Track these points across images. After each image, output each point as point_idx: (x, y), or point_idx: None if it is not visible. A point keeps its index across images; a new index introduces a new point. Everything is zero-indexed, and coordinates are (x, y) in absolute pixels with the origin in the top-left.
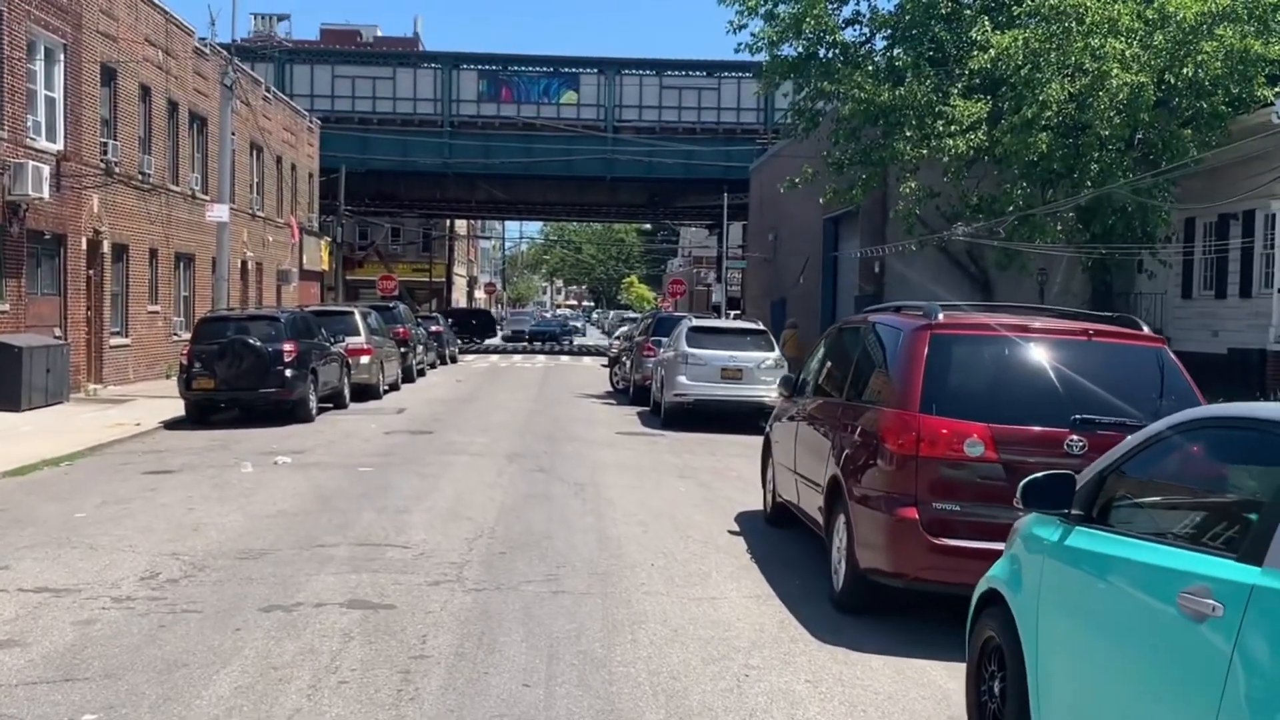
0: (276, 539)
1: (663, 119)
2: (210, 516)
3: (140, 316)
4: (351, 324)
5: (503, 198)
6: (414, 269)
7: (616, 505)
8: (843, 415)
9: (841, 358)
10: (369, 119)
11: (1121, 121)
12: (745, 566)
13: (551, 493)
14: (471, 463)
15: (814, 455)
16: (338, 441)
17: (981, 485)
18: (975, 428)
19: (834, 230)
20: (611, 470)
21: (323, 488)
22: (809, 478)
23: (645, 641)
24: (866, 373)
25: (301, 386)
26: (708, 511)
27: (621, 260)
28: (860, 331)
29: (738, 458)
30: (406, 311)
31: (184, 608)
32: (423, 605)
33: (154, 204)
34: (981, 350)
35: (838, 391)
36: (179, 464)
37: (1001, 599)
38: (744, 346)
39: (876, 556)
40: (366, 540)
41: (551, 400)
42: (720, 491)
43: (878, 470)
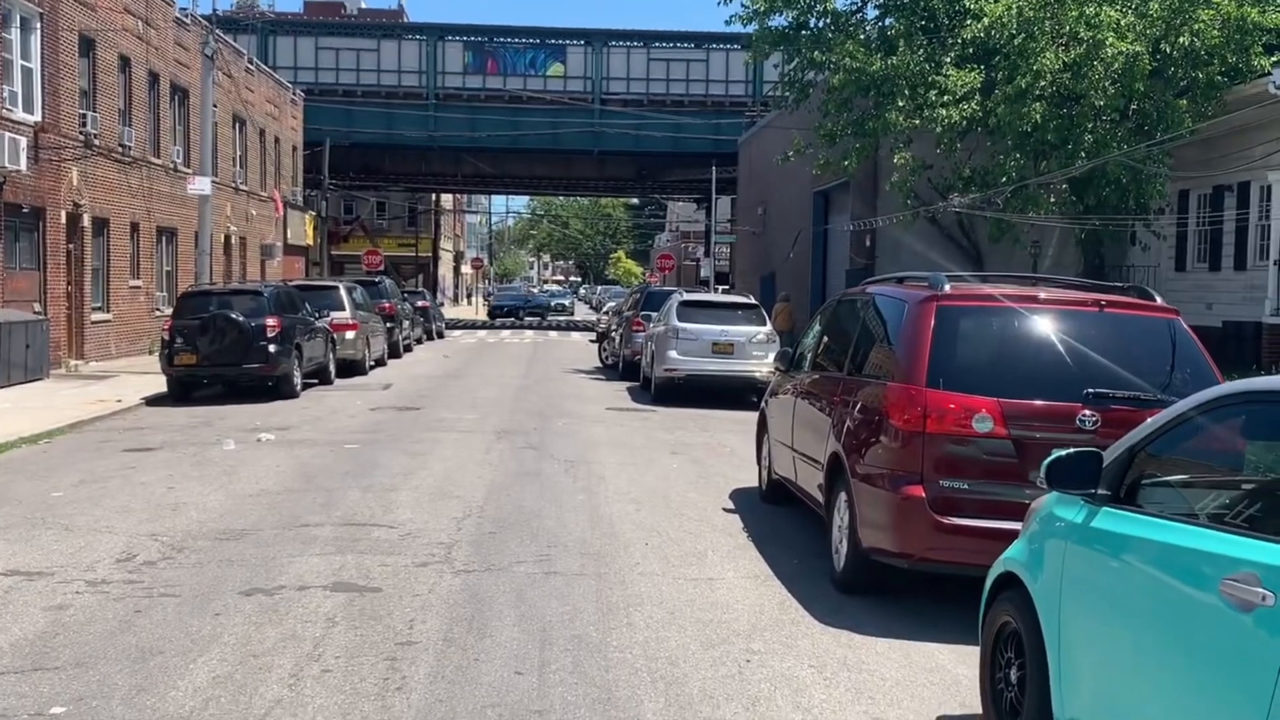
0: (259, 519)
1: (650, 91)
2: (190, 496)
3: (122, 291)
4: (336, 299)
5: (489, 171)
6: (400, 244)
7: (608, 483)
8: (843, 391)
9: (841, 331)
10: (353, 91)
11: (1116, 91)
12: (742, 545)
13: (542, 470)
14: (460, 440)
15: (813, 432)
16: (323, 418)
17: (990, 462)
18: (984, 403)
19: (824, 204)
20: (603, 447)
21: (307, 466)
22: (807, 455)
23: (641, 625)
24: (868, 347)
25: (285, 362)
26: (701, 489)
27: (609, 235)
28: (860, 304)
29: (730, 433)
30: (392, 286)
31: (161, 591)
32: (410, 588)
33: (135, 177)
34: (990, 322)
35: (837, 366)
36: (160, 441)
37: (1019, 583)
38: (735, 321)
39: (880, 536)
40: (352, 520)
41: (541, 376)
42: (713, 468)
43: (882, 447)
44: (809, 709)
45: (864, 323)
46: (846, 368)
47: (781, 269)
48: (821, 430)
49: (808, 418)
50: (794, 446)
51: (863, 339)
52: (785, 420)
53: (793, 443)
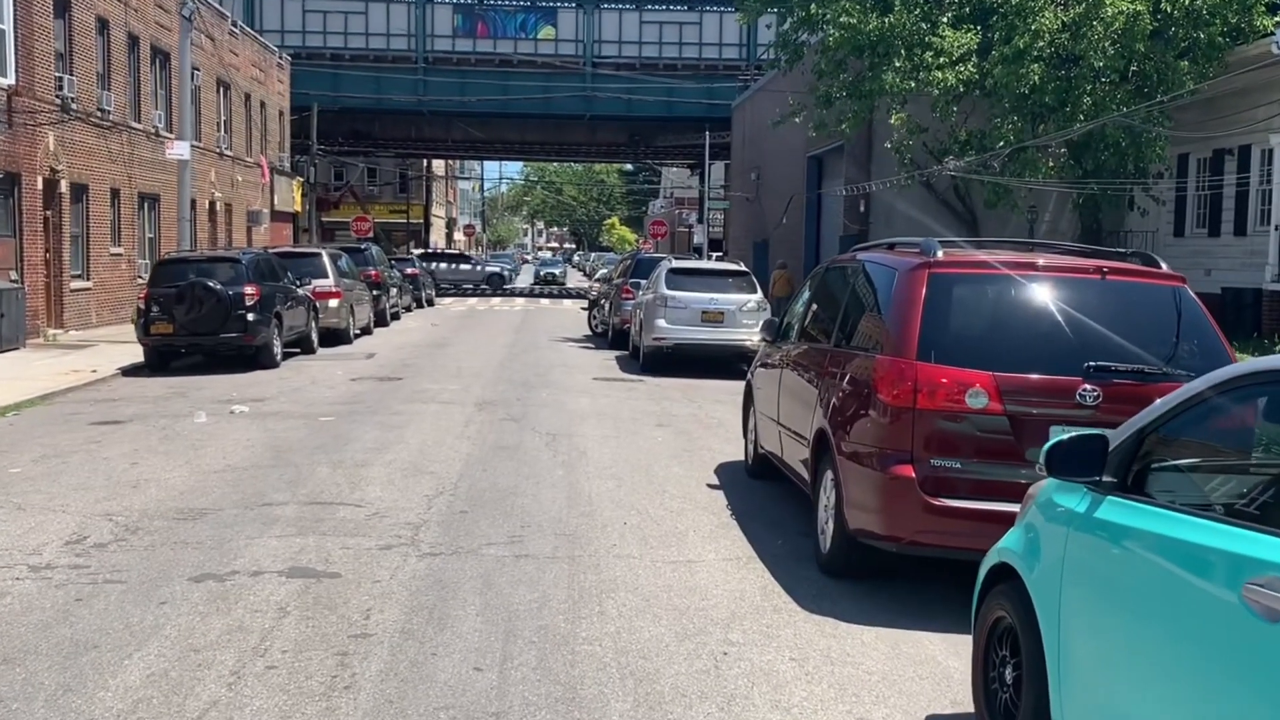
0: (220, 497)
1: (643, 55)
2: (153, 472)
3: (102, 259)
4: (319, 266)
5: (479, 137)
6: (391, 210)
7: (590, 457)
8: (830, 363)
9: (829, 300)
10: (341, 55)
11: (1116, 52)
12: (725, 525)
13: (522, 444)
14: (440, 412)
15: (799, 405)
16: (301, 389)
17: (985, 440)
18: (978, 376)
19: (818, 168)
20: (587, 419)
21: (278, 440)
22: (793, 429)
23: (614, 614)
24: (857, 316)
25: (264, 331)
26: (686, 463)
27: (602, 202)
28: (849, 271)
29: (718, 404)
30: (379, 253)
31: (107, 578)
32: (370, 573)
33: (115, 142)
34: (985, 291)
35: (825, 337)
36: (130, 414)
37: (1015, 575)
38: (725, 289)
39: (868, 518)
40: (317, 498)
41: (528, 345)
42: (700, 441)
43: (870, 423)
44: (788, 708)
45: (853, 291)
46: (835, 339)
47: (775, 235)
48: (808, 404)
49: (794, 390)
50: (780, 420)
51: (852, 308)
52: (771, 393)
53: (779, 416)
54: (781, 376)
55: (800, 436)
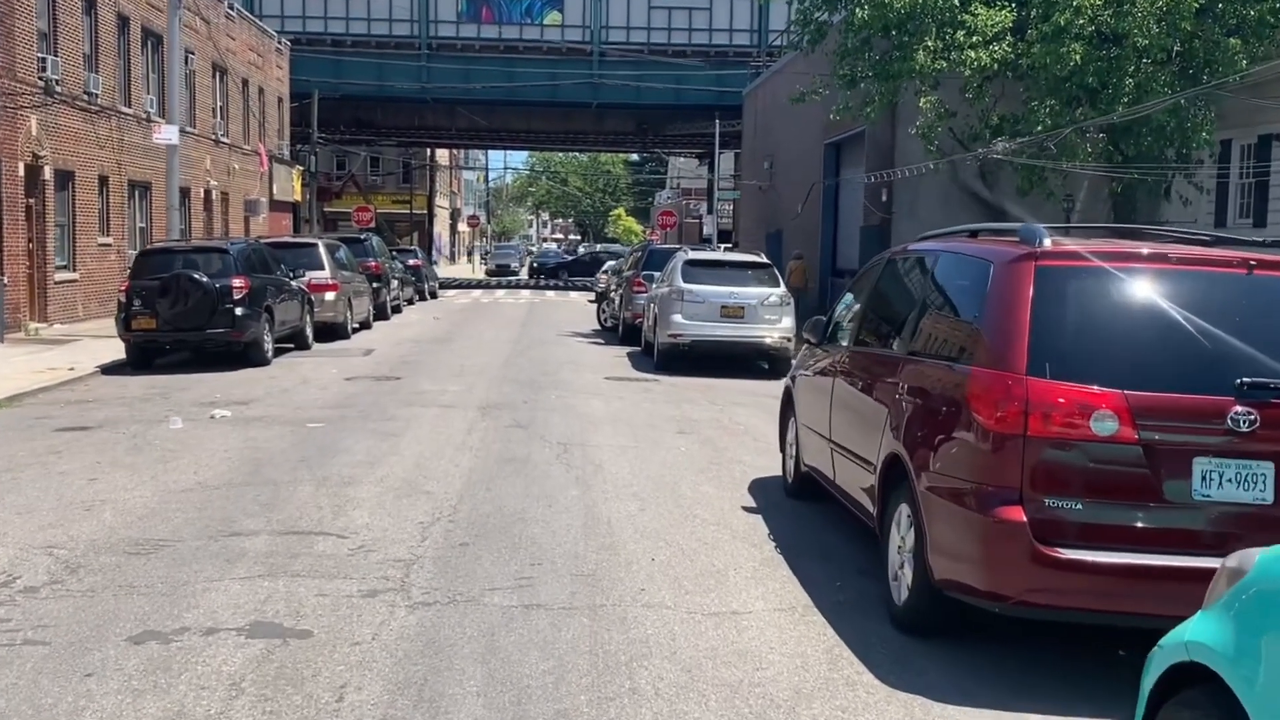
0: (183, 523)
1: (651, 41)
2: (112, 491)
3: (89, 249)
4: (315, 257)
5: (484, 125)
6: (394, 200)
7: (607, 472)
8: (904, 374)
9: (894, 299)
10: (342, 41)
11: (1161, 30)
12: (770, 560)
13: (530, 456)
14: (440, 417)
15: (859, 423)
16: (291, 390)
17: (1113, 474)
18: (1104, 396)
19: (835, 157)
20: (601, 425)
21: (259, 450)
22: (852, 451)
23: (649, 691)
24: (937, 319)
25: (254, 326)
26: (715, 479)
27: (608, 193)
28: (922, 265)
29: (742, 407)
30: (380, 244)
31: (29, 636)
32: (349, 631)
33: (103, 127)
34: (1107, 289)
35: (891, 342)
36: (101, 418)
37: (1214, 680)
38: (746, 281)
39: (962, 569)
40: (295, 526)
41: (535, 340)
42: (727, 451)
43: (964, 451)
44: None
45: (930, 288)
46: (905, 345)
47: (790, 226)
48: (872, 422)
49: (852, 404)
50: (832, 438)
51: (929, 309)
52: (820, 404)
53: (830, 433)
54: (834, 387)
55: (862, 460)
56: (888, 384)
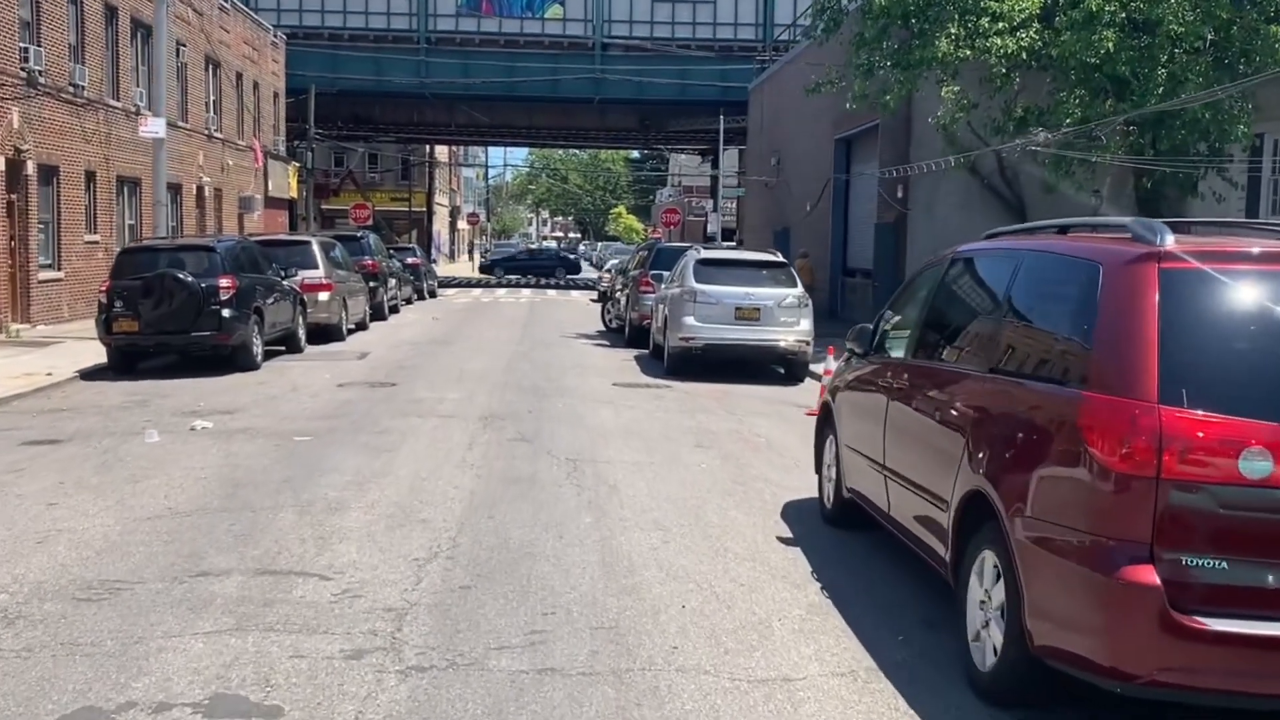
0: (146, 559)
1: (655, 35)
2: (72, 518)
3: (75, 247)
4: (308, 256)
5: (484, 121)
6: (392, 198)
7: (622, 494)
8: (987, 396)
9: (966, 305)
10: (339, 35)
11: (1196, 17)
12: (818, 606)
13: (537, 475)
14: (438, 429)
15: (925, 450)
16: (280, 397)
17: (1267, 526)
18: (1256, 429)
19: (846, 152)
20: (612, 438)
21: (240, 469)
22: (914, 481)
23: None
24: (1029, 331)
25: (242, 329)
26: (742, 502)
27: (608, 190)
28: (1002, 266)
29: (761, 416)
30: (377, 242)
31: None
32: (328, 707)
33: (90, 121)
34: (1252, 297)
35: (964, 356)
36: (73, 430)
37: None
38: (761, 282)
39: (1074, 638)
40: (272, 564)
41: (538, 342)
42: (751, 468)
43: (1077, 494)
44: None
45: (1014, 294)
46: (986, 360)
47: (798, 223)
48: (944, 451)
49: (914, 428)
50: (886, 465)
51: (1014, 319)
52: (869, 425)
53: (884, 458)
54: (889, 407)
55: (929, 495)
56: (964, 406)
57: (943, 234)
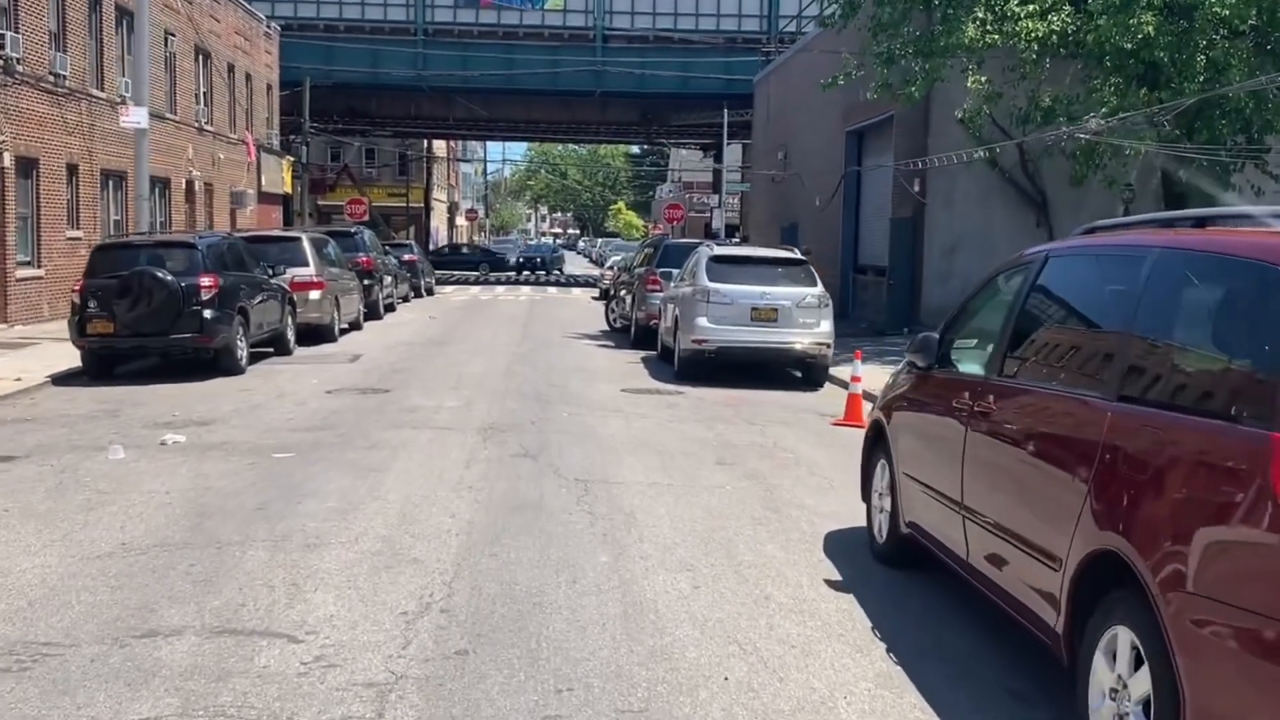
0: (86, 613)
1: (657, 27)
2: (9, 556)
3: (56, 243)
4: (298, 253)
5: (482, 115)
6: (390, 194)
7: (641, 524)
8: (1119, 432)
9: (1078, 315)
10: (335, 26)
11: (1239, 0)
12: (887, 677)
13: (544, 500)
14: (433, 443)
15: (1024, 493)
16: (263, 406)
17: None
18: None
19: (858, 145)
20: (624, 453)
21: (209, 491)
22: (1010, 530)
23: None
24: (1171, 349)
25: (225, 331)
26: (778, 534)
27: (608, 186)
28: (1121, 266)
29: (784, 427)
30: (372, 238)
31: None
32: None
33: (72, 111)
34: None
35: (1080, 380)
36: (32, 445)
37: None
38: (778, 280)
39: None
40: (233, 619)
41: (539, 342)
42: (781, 490)
43: (1269, 567)
44: None
45: (1147, 302)
46: (1111, 385)
47: (807, 219)
48: (1054, 497)
49: (1007, 465)
50: (966, 504)
51: (1152, 334)
52: (939, 454)
53: (962, 496)
54: (968, 435)
55: (1033, 550)
56: (1084, 442)
57: (962, 229)
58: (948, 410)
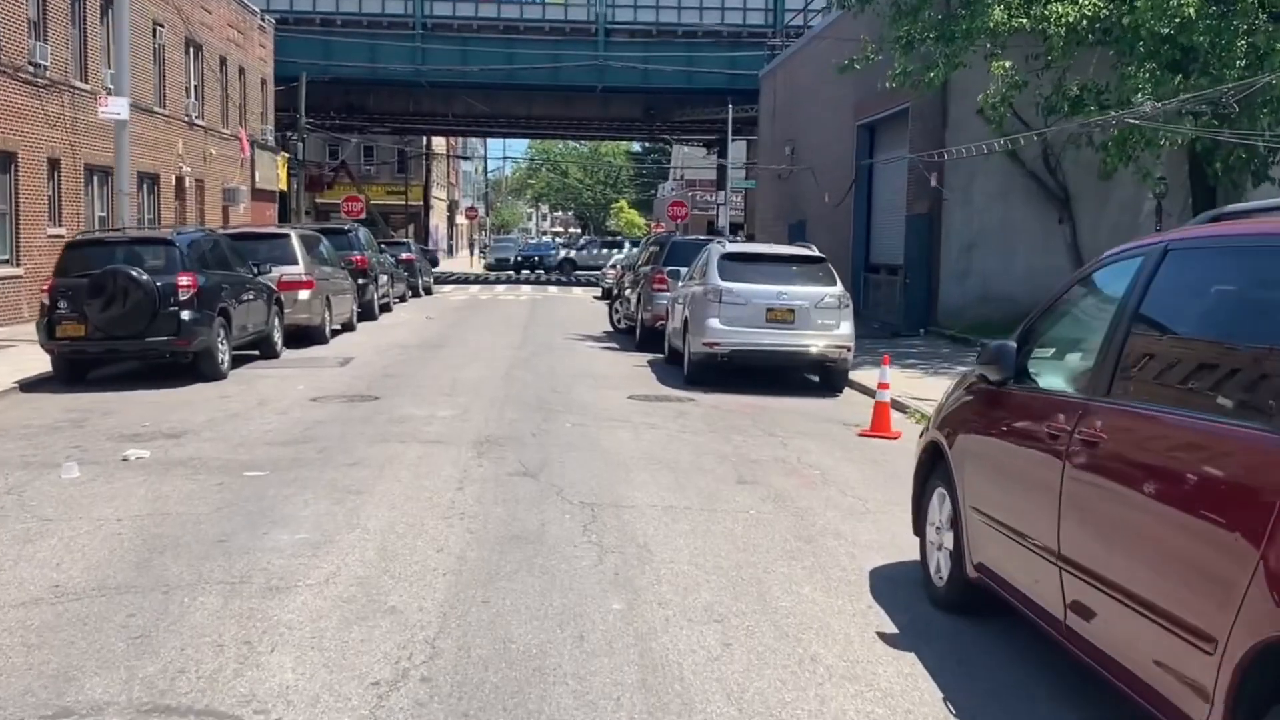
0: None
1: (660, 21)
2: None
3: (37, 241)
4: (287, 250)
5: (482, 111)
6: (388, 191)
7: (657, 559)
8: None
9: (1220, 324)
10: (332, 20)
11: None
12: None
13: (545, 530)
14: (423, 460)
15: (1154, 551)
16: (241, 415)
17: None
18: None
19: (869, 140)
20: (634, 470)
21: (166, 519)
22: (1138, 596)
23: None
24: None
25: (204, 334)
26: (815, 570)
27: (609, 184)
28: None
29: (807, 438)
30: (367, 236)
31: None
32: None
33: (53, 104)
34: None
35: (1233, 407)
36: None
37: None
38: (794, 279)
39: None
40: (168, 694)
41: (540, 344)
42: (812, 514)
43: None
44: None
45: None
46: None
47: (815, 217)
48: (1203, 564)
49: (1127, 512)
50: (1064, 555)
51: None
52: (1024, 490)
53: (1058, 544)
54: (1068, 470)
55: (1172, 623)
56: (1249, 490)
57: (980, 226)
58: (1037, 437)
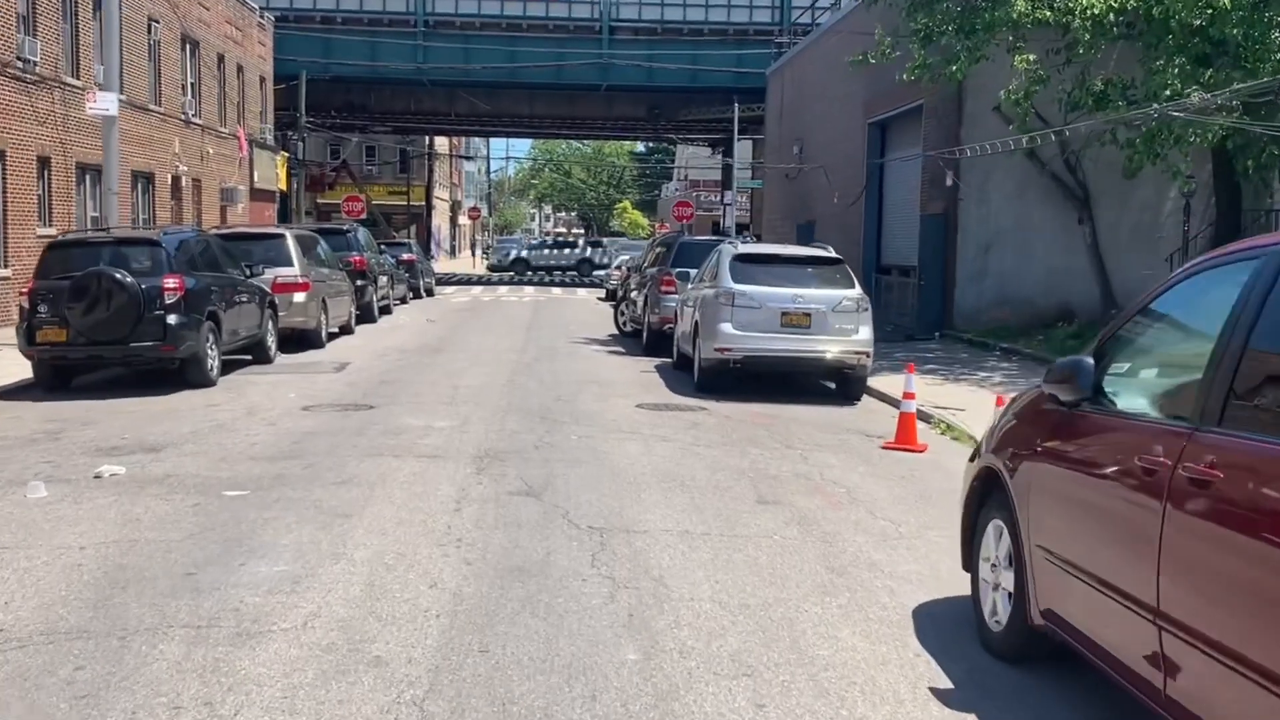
0: None
1: (665, 19)
2: None
3: (26, 242)
4: (282, 251)
5: (485, 110)
6: (390, 191)
7: (675, 597)
8: None
9: None
10: (333, 18)
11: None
12: None
13: (550, 560)
14: (418, 477)
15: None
16: (227, 426)
17: None
18: None
19: (880, 138)
20: (646, 488)
21: (134, 547)
22: (1269, 671)
23: None
24: None
25: (192, 339)
26: (851, 610)
27: (613, 185)
28: None
29: (827, 451)
30: (366, 237)
31: None
32: None
33: (43, 100)
34: None
35: None
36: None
37: None
38: (810, 281)
39: None
40: None
41: (544, 349)
42: (842, 539)
43: None
44: None
45: None
46: None
47: (825, 217)
48: None
49: (1260, 570)
50: (1165, 611)
51: None
52: (1112, 530)
53: (1158, 600)
54: (1169, 512)
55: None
56: None
57: (997, 226)
58: (1128, 471)
